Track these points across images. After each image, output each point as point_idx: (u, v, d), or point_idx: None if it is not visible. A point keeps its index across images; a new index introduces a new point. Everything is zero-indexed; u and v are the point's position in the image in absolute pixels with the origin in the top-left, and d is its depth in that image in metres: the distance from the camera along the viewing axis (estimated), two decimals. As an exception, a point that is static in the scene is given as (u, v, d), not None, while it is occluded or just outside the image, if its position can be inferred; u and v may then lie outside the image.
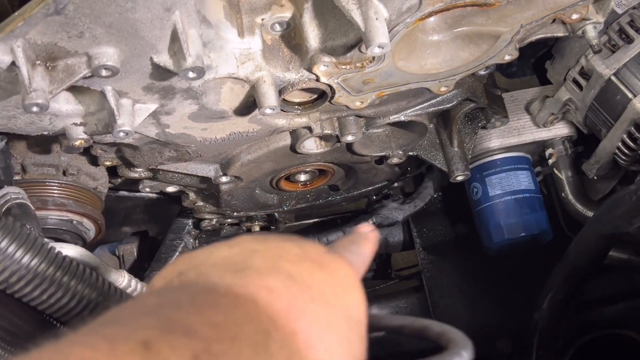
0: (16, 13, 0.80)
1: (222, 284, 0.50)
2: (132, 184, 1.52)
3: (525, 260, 1.55)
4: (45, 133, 1.05)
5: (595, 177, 1.37)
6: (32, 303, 0.76)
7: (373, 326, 0.65)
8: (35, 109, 0.84)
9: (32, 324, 0.78)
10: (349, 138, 1.21)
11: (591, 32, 1.08)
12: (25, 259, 0.74)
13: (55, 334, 0.42)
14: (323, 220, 1.77)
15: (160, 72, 0.93)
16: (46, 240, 0.80)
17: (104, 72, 0.87)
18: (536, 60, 1.64)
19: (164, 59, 0.89)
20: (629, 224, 1.12)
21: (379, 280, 1.85)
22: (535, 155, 1.50)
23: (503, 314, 1.57)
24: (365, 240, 0.67)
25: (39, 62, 0.85)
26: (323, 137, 1.26)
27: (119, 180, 1.46)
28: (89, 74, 0.87)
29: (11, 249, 0.73)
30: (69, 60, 0.86)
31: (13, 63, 0.83)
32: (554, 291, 1.33)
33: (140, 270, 1.63)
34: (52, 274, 0.75)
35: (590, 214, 1.40)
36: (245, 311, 0.47)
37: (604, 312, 1.54)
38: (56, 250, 0.78)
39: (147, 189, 1.40)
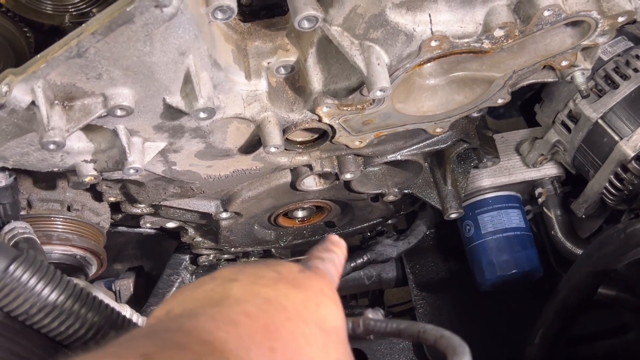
0: (38, 55, 0.84)
1: (205, 314, 0.54)
2: (131, 219, 1.55)
3: (516, 297, 1.59)
4: (56, 169, 1.08)
5: (583, 216, 1.42)
6: (51, 334, 0.78)
7: (370, 330, 0.69)
8: (52, 146, 0.88)
9: (49, 353, 0.81)
10: (348, 176, 1.25)
11: (579, 78, 1.14)
12: (46, 292, 0.76)
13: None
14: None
15: (172, 112, 0.97)
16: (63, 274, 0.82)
17: (119, 112, 0.91)
18: (523, 103, 1.71)
19: (177, 100, 0.93)
20: (618, 261, 1.16)
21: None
22: (526, 195, 1.55)
23: (495, 350, 1.59)
24: (335, 245, 0.73)
25: (57, 101, 0.89)
26: (322, 175, 1.30)
27: (120, 216, 1.48)
28: (105, 114, 0.91)
29: (32, 281, 0.75)
30: (85, 100, 0.90)
31: (32, 103, 0.86)
32: (545, 327, 1.37)
33: (136, 305, 1.64)
34: (71, 305, 0.78)
35: (579, 251, 1.44)
36: (228, 333, 0.52)
37: (594, 347, 1.57)
38: (74, 282, 0.80)
39: (148, 225, 1.43)
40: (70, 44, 0.81)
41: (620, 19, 1.01)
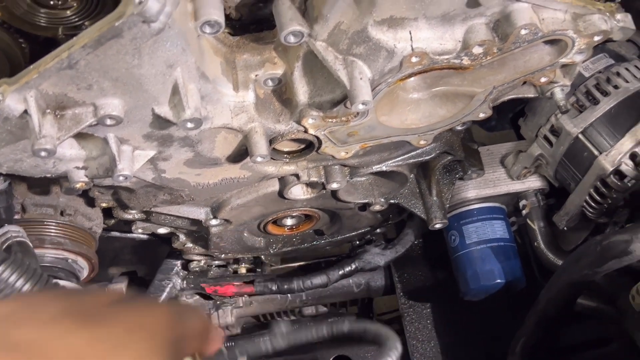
0: (31, 66, 0.88)
1: None
2: (124, 225, 1.58)
3: (500, 307, 1.62)
4: (48, 175, 1.11)
5: (565, 228, 1.45)
6: None
7: (292, 343, 0.72)
8: (43, 153, 0.91)
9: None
10: (334, 185, 1.29)
11: (559, 94, 1.17)
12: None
13: None
14: (308, 264, 1.84)
15: (160, 122, 1.00)
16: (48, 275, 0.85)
17: (108, 121, 0.94)
18: (514, 116, 1.74)
19: (165, 110, 0.97)
20: (594, 273, 1.19)
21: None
22: (510, 207, 1.58)
23: (478, 358, 1.62)
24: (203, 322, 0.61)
25: (49, 110, 0.92)
26: (310, 184, 1.33)
27: (112, 221, 1.52)
28: (95, 123, 0.94)
29: (19, 283, 0.78)
30: (76, 110, 0.93)
31: (25, 111, 0.90)
32: (526, 336, 1.40)
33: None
34: None
35: (560, 262, 1.47)
36: None
37: (577, 358, 1.59)
38: (60, 285, 0.83)
39: (140, 230, 1.46)
40: (62, 56, 0.84)
41: (596, 38, 1.04)
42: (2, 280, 0.77)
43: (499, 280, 1.49)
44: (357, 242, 1.73)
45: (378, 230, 1.72)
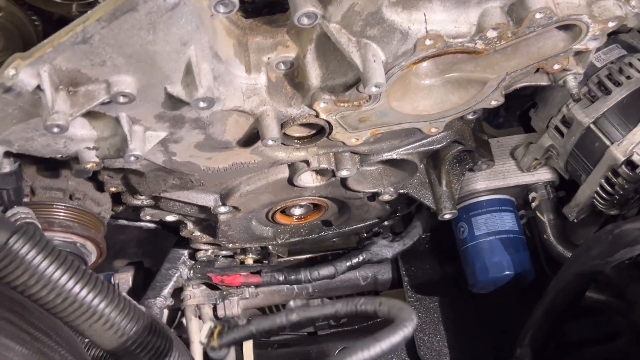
0: (45, 41, 0.88)
1: None
2: (132, 211, 1.58)
3: (508, 300, 1.61)
4: (59, 156, 1.11)
5: (575, 220, 1.44)
6: (47, 306, 0.81)
7: (303, 319, 0.71)
8: (56, 129, 0.91)
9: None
10: (344, 173, 1.28)
11: (572, 82, 1.17)
12: (44, 264, 0.78)
13: None
14: (314, 257, 1.83)
15: (173, 102, 1.00)
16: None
17: (121, 99, 0.94)
18: (522, 113, 1.74)
19: (177, 90, 0.96)
20: (605, 262, 1.19)
21: (367, 319, 1.90)
22: (520, 199, 1.57)
23: (486, 352, 1.61)
24: None
25: (62, 86, 0.92)
26: (319, 172, 1.33)
27: (121, 208, 1.51)
28: (107, 100, 0.94)
29: (31, 254, 0.78)
30: (89, 87, 0.93)
31: (38, 87, 0.90)
32: (535, 328, 1.39)
33: (134, 297, 1.67)
34: (67, 279, 0.80)
35: (570, 255, 1.46)
36: None
37: (584, 353, 1.58)
38: (72, 258, 0.83)
39: (148, 217, 1.45)
40: (76, 30, 0.84)
41: (611, 24, 1.04)
42: (14, 250, 0.76)
43: (507, 272, 1.48)
44: (365, 235, 1.73)
45: (386, 223, 1.71)
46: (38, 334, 0.84)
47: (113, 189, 1.32)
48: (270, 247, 1.65)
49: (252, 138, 1.16)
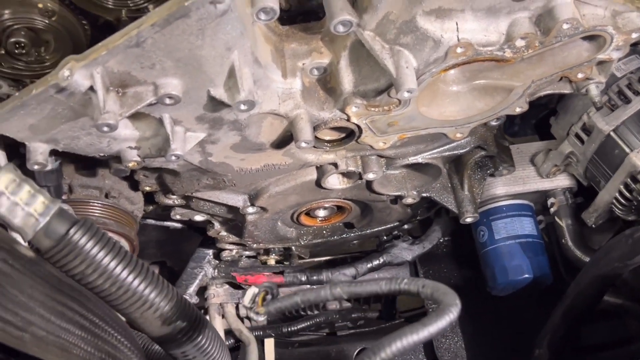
0: (99, 44, 0.93)
1: None
2: (162, 211, 1.63)
3: (525, 303, 1.64)
4: (101, 155, 1.16)
5: (593, 225, 1.48)
6: (102, 294, 0.85)
7: (347, 293, 0.75)
8: (106, 128, 0.96)
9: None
10: (371, 176, 1.33)
11: (594, 90, 1.21)
12: (101, 255, 0.83)
13: None
14: (335, 259, 1.87)
15: (214, 104, 1.05)
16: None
17: (167, 101, 0.99)
18: (537, 122, 1.77)
19: (220, 92, 1.01)
20: (625, 266, 1.22)
21: (384, 320, 1.93)
22: (539, 205, 1.61)
23: (504, 354, 1.65)
24: None
25: (112, 88, 0.97)
26: (346, 174, 1.37)
27: (151, 207, 1.56)
28: (154, 101, 0.98)
29: (89, 245, 0.82)
30: (138, 88, 0.98)
31: (90, 88, 0.94)
32: (553, 331, 1.42)
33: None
34: (122, 269, 0.85)
35: (588, 259, 1.50)
36: None
37: (600, 357, 1.62)
38: (125, 249, 0.88)
39: (178, 216, 1.50)
40: (131, 34, 0.89)
41: (634, 35, 1.08)
42: (73, 241, 0.81)
43: (527, 275, 1.52)
44: (385, 238, 1.77)
45: (405, 226, 1.75)
46: (96, 319, 0.88)
47: (147, 188, 1.37)
48: (293, 248, 1.70)
49: (285, 140, 1.20)
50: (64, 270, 0.82)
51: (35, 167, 1.10)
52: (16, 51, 1.13)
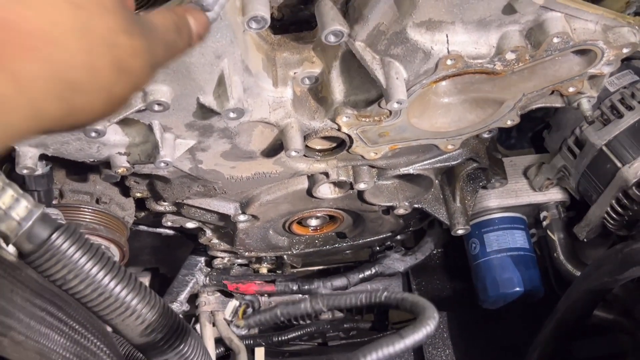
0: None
1: None
2: (154, 218, 1.63)
3: (517, 316, 1.64)
4: (91, 160, 1.16)
5: (585, 240, 1.48)
6: (83, 300, 0.85)
7: (331, 306, 0.75)
8: (93, 134, 0.96)
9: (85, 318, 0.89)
10: (362, 186, 1.32)
11: (585, 105, 1.21)
12: (83, 260, 0.83)
13: None
14: (327, 268, 1.87)
15: (203, 112, 1.05)
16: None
17: (156, 107, 0.99)
18: (533, 135, 1.77)
19: (209, 100, 1.01)
20: (615, 280, 1.22)
21: (376, 331, 1.93)
22: (531, 218, 1.61)
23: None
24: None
25: (101, 94, 0.97)
26: (337, 184, 1.37)
27: (142, 214, 1.56)
28: (143, 108, 0.99)
29: (72, 250, 0.82)
30: (127, 95, 0.98)
31: (79, 93, 0.94)
32: (543, 345, 1.42)
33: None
34: (104, 275, 0.85)
35: (579, 273, 1.49)
36: None
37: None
38: (108, 255, 0.87)
39: (169, 223, 1.50)
40: (120, 41, 0.89)
41: (625, 50, 1.08)
42: (55, 246, 0.81)
43: (518, 289, 1.52)
44: (377, 248, 1.77)
45: (398, 237, 1.75)
46: (76, 325, 0.88)
47: (138, 195, 1.37)
48: (285, 257, 1.69)
49: (275, 149, 1.20)
50: (45, 275, 0.82)
51: (25, 171, 1.10)
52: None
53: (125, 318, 0.87)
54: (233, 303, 0.86)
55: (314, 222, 1.56)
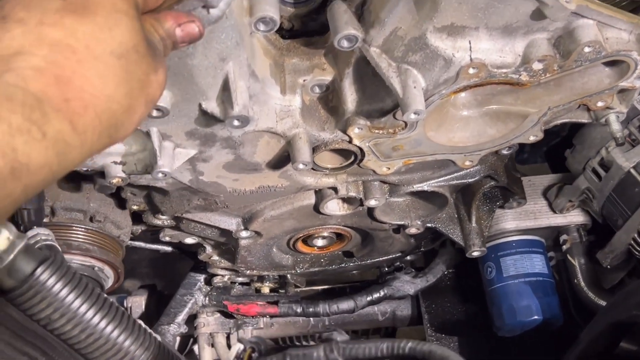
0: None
1: None
2: (151, 234, 1.55)
3: (532, 345, 1.55)
4: (84, 169, 1.08)
5: (609, 266, 1.39)
6: (70, 342, 0.77)
7: (347, 357, 0.67)
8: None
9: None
10: (372, 202, 1.25)
11: (615, 124, 1.13)
12: (70, 298, 0.75)
13: None
14: (332, 288, 1.79)
15: (206, 119, 0.97)
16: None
17: (155, 113, 0.91)
18: (548, 149, 1.70)
19: (212, 106, 0.94)
20: (644, 313, 1.13)
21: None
22: (549, 240, 1.52)
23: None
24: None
25: (95, 97, 0.89)
26: (346, 200, 1.29)
27: (140, 230, 1.48)
28: (140, 113, 0.91)
29: (57, 286, 0.74)
30: (123, 98, 0.90)
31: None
32: (564, 377, 1.33)
33: (147, 323, 1.62)
34: (93, 314, 0.77)
35: (601, 302, 1.41)
36: (15, 94, 0.51)
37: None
38: (98, 291, 0.80)
39: (167, 238, 1.42)
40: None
41: (660, 63, 1.00)
42: (40, 282, 0.73)
43: (536, 317, 1.43)
44: (386, 269, 1.68)
45: (408, 258, 1.67)
46: None
47: (135, 207, 1.30)
48: (288, 276, 1.61)
49: (282, 161, 1.13)
50: (28, 313, 0.74)
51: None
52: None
53: None
54: (237, 347, 0.78)
55: (320, 243, 1.48)
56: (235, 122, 0.92)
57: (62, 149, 0.54)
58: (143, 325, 1.11)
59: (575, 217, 1.46)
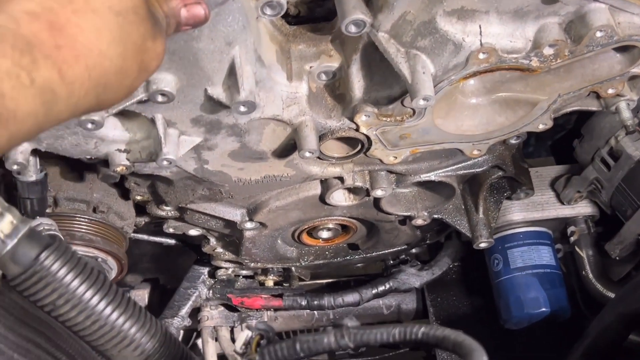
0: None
1: None
2: (155, 227, 1.54)
3: (540, 337, 1.54)
4: (88, 157, 1.07)
5: (617, 258, 1.38)
6: (74, 328, 0.76)
7: (359, 343, 0.65)
8: (90, 125, 0.87)
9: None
10: (379, 192, 1.23)
11: (625, 112, 1.12)
12: (75, 283, 0.74)
13: None
14: (337, 282, 1.77)
15: (211, 105, 0.96)
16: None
17: (159, 98, 0.90)
18: (553, 143, 1.68)
19: (218, 92, 0.92)
20: (654, 305, 1.12)
21: (387, 348, 1.83)
22: (557, 232, 1.51)
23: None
24: None
25: (99, 81, 0.88)
26: (352, 190, 1.28)
27: (143, 221, 1.46)
28: (145, 98, 0.90)
29: (62, 272, 0.73)
30: (127, 83, 0.89)
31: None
32: (572, 370, 1.31)
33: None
34: (98, 301, 0.76)
35: (610, 294, 1.40)
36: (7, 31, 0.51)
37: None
38: (104, 277, 0.78)
39: (171, 229, 1.41)
40: (120, 21, 0.80)
41: (673, 48, 0.99)
42: (44, 267, 0.71)
43: (544, 309, 1.42)
44: (391, 262, 1.67)
45: (413, 250, 1.65)
46: (66, 358, 0.79)
47: (139, 198, 1.28)
48: (293, 269, 1.60)
49: (288, 149, 1.11)
50: (32, 299, 0.73)
51: (14, 167, 1.02)
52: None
53: (123, 348, 0.77)
54: (245, 333, 0.75)
55: (325, 234, 1.46)
56: (242, 108, 0.91)
57: (49, 97, 0.53)
58: (155, 319, 1.10)
59: (583, 209, 1.45)
